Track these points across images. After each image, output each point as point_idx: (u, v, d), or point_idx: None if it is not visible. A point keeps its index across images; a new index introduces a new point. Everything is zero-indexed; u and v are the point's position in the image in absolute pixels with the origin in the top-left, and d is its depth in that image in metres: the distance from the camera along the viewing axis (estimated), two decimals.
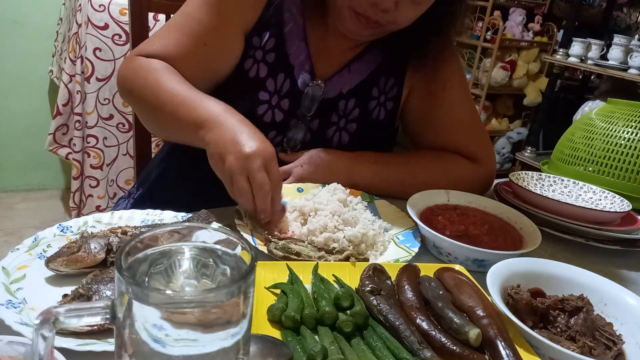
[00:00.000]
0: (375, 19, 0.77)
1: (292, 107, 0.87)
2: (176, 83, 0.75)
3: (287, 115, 0.87)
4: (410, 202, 0.74)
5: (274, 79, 0.86)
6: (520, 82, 3.04)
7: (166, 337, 0.31)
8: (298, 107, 0.88)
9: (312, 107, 0.88)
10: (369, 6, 0.75)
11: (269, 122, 0.87)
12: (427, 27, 0.84)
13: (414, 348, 0.46)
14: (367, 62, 0.90)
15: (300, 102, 0.87)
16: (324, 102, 0.88)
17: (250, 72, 0.85)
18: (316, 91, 0.87)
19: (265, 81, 0.85)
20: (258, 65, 0.85)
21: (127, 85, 0.80)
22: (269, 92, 0.86)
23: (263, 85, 0.85)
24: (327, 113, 0.89)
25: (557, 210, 0.82)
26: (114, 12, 1.95)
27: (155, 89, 0.75)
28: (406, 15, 0.77)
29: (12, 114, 2.43)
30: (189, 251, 0.37)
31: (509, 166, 3.20)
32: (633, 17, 3.16)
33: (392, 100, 0.93)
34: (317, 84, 0.87)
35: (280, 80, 0.86)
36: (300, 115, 0.88)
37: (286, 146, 0.89)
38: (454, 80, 0.93)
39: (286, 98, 0.87)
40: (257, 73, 0.85)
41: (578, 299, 0.56)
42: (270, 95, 0.86)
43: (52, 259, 0.53)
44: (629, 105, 1.09)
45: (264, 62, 0.85)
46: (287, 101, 0.87)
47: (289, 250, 0.63)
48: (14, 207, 2.44)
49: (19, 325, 0.44)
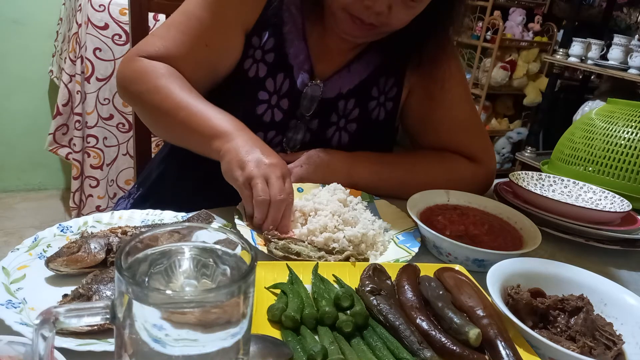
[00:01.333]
0: (369, 21, 0.77)
1: (291, 107, 0.87)
2: (187, 93, 0.75)
3: (286, 115, 0.87)
4: (410, 202, 0.74)
5: (274, 78, 0.86)
6: (520, 82, 3.04)
7: (166, 337, 0.31)
8: (297, 107, 0.88)
9: (311, 107, 0.88)
10: (362, 9, 0.75)
11: (269, 121, 0.86)
12: (426, 27, 0.84)
13: (414, 348, 0.46)
14: (366, 63, 0.90)
15: (299, 102, 0.87)
16: (323, 102, 0.88)
17: (249, 72, 0.85)
18: (315, 91, 0.87)
19: (265, 81, 0.85)
20: (257, 65, 0.85)
21: (132, 87, 0.79)
22: (268, 92, 0.86)
23: (262, 85, 0.85)
24: (327, 113, 0.89)
25: (557, 210, 0.82)
26: (114, 12, 1.95)
27: (166, 95, 0.75)
28: (400, 17, 0.77)
29: (12, 113, 2.43)
30: (189, 251, 0.37)
31: (509, 166, 3.20)
32: (633, 17, 3.16)
33: (392, 100, 0.93)
34: (316, 84, 0.87)
35: (280, 80, 0.86)
36: (300, 115, 0.88)
37: (285, 146, 0.89)
38: (454, 80, 0.92)
39: (285, 98, 0.87)
40: (256, 73, 0.85)
41: (578, 299, 0.56)
42: (270, 95, 0.86)
43: (52, 259, 0.53)
44: (629, 105, 1.09)
45: (264, 62, 0.85)
46: (286, 101, 0.87)
47: (289, 250, 0.63)
48: (14, 207, 2.44)
49: (19, 325, 0.44)
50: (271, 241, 0.63)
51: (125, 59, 0.81)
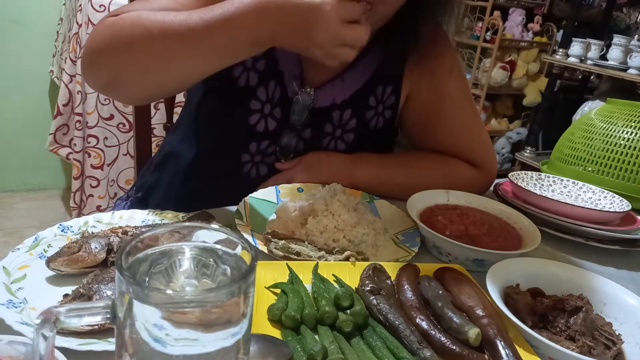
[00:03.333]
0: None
1: (284, 116, 0.85)
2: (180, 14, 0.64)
3: (279, 124, 0.85)
4: (410, 202, 0.74)
5: (265, 87, 0.83)
6: (519, 82, 3.04)
7: (167, 337, 0.31)
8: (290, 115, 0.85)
9: (302, 116, 0.84)
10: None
11: (262, 131, 0.84)
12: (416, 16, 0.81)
13: (413, 348, 0.46)
14: (361, 71, 0.87)
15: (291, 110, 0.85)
16: (315, 111, 0.85)
17: (239, 81, 0.82)
18: (306, 99, 0.84)
19: (257, 90, 0.83)
20: (248, 74, 0.82)
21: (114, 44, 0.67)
22: (260, 101, 0.83)
23: (254, 94, 0.83)
24: (320, 123, 0.87)
25: (557, 210, 0.82)
26: None
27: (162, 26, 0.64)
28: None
29: (13, 114, 2.43)
30: (190, 251, 0.37)
31: (508, 166, 3.20)
32: (633, 17, 3.16)
33: (390, 108, 0.91)
34: (307, 92, 0.84)
35: (272, 88, 0.84)
36: (293, 124, 0.85)
37: (279, 155, 0.86)
38: (453, 83, 0.90)
39: (278, 106, 0.84)
40: (247, 81, 0.83)
41: (577, 298, 0.56)
42: (262, 104, 0.83)
43: (53, 258, 0.54)
44: (628, 105, 1.09)
45: (254, 70, 0.83)
46: (279, 109, 0.84)
47: (289, 250, 0.63)
48: (14, 207, 2.44)
49: (20, 325, 0.44)
50: (271, 241, 0.64)
51: (96, 27, 0.71)
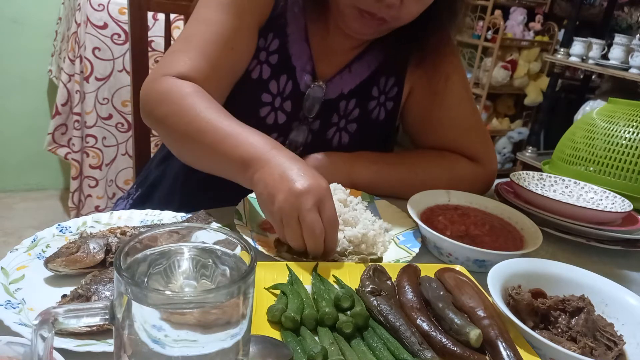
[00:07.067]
0: (380, 15, 0.76)
1: (294, 109, 0.87)
2: (215, 112, 0.69)
3: (289, 118, 0.87)
4: (410, 202, 0.74)
5: (277, 80, 0.85)
6: (521, 81, 3.04)
7: (165, 338, 0.31)
8: (300, 109, 0.87)
9: (313, 109, 0.87)
10: (373, 2, 0.74)
11: (272, 124, 0.86)
12: (427, 23, 0.83)
13: (414, 349, 0.46)
14: (367, 62, 0.90)
15: (302, 103, 0.87)
16: (325, 103, 0.88)
17: (252, 74, 0.84)
18: (317, 92, 0.87)
19: (268, 83, 0.85)
20: (261, 67, 0.84)
21: (156, 110, 0.73)
22: (271, 94, 0.85)
23: (266, 87, 0.85)
24: (328, 114, 0.89)
25: (558, 210, 0.82)
26: (113, 12, 1.95)
27: (193, 117, 0.69)
28: (410, 10, 0.76)
29: (11, 113, 2.42)
30: (188, 251, 0.37)
31: (509, 166, 3.20)
32: (634, 17, 3.16)
33: (392, 100, 0.93)
34: (319, 85, 0.87)
35: (283, 82, 0.85)
36: (302, 117, 0.88)
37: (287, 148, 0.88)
38: (455, 79, 0.92)
39: (288, 100, 0.86)
40: (260, 74, 0.84)
41: (579, 299, 0.56)
42: (273, 97, 0.85)
43: (51, 259, 0.53)
44: (630, 105, 1.09)
45: (267, 64, 0.84)
46: (289, 103, 0.86)
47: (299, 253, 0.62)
48: (12, 207, 2.44)
49: (18, 326, 0.44)
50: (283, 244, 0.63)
51: (148, 80, 0.76)
